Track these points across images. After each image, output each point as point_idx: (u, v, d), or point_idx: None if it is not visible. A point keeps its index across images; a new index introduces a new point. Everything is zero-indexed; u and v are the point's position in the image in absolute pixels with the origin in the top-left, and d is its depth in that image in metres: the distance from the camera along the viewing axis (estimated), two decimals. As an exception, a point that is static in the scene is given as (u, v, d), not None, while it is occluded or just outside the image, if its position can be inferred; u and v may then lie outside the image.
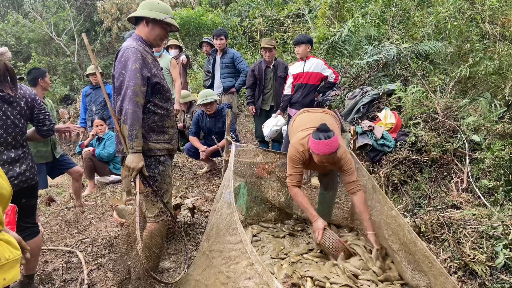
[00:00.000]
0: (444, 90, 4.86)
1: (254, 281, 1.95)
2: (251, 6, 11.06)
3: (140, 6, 2.58)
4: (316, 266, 2.72)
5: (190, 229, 3.81)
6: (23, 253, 1.48)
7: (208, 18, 10.98)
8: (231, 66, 6.04)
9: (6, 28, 13.01)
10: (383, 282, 2.52)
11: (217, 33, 5.93)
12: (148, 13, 2.52)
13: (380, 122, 4.50)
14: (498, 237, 2.76)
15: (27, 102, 2.56)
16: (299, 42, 4.86)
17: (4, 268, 1.17)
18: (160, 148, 2.58)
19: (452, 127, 4.05)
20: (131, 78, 2.37)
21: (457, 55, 5.65)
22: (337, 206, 3.45)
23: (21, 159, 2.54)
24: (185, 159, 6.45)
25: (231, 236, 2.37)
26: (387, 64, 5.80)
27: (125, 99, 2.37)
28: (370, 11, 6.74)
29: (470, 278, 2.62)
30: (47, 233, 4.00)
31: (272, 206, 3.57)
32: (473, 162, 3.75)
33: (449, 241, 2.86)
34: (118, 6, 11.99)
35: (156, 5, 2.55)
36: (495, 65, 4.89)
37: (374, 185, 2.93)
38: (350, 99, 5.14)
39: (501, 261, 2.59)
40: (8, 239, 1.25)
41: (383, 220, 2.82)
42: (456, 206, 3.43)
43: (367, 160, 4.38)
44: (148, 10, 2.53)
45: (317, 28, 7.88)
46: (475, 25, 5.55)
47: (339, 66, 6.24)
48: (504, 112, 4.21)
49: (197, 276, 2.55)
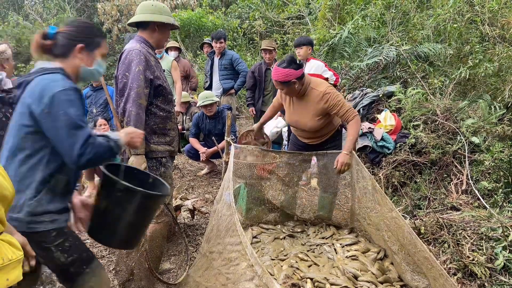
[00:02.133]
0: (443, 92, 4.88)
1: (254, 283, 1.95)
2: (251, 8, 11.07)
3: (139, 10, 2.56)
4: (316, 267, 2.73)
5: (191, 231, 3.82)
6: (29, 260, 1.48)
7: (208, 20, 11.00)
8: (229, 68, 6.05)
9: (6, 30, 13.03)
10: (382, 283, 2.53)
11: (217, 36, 5.93)
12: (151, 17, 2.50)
13: (379, 124, 4.51)
14: (497, 238, 2.77)
15: None
16: (300, 44, 4.86)
17: (7, 269, 1.18)
18: (161, 150, 2.59)
19: (451, 129, 4.06)
20: (135, 80, 2.37)
21: (456, 57, 5.67)
22: (337, 207, 3.46)
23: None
24: (185, 160, 6.45)
25: (231, 238, 2.37)
26: (387, 66, 5.82)
27: (129, 101, 2.38)
28: (370, 13, 6.76)
29: (470, 279, 2.63)
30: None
31: (272, 207, 3.57)
32: (473, 164, 3.76)
33: (448, 243, 2.87)
34: (118, 8, 12.01)
35: (153, 8, 2.53)
36: (495, 67, 4.91)
37: (374, 185, 2.94)
38: (350, 100, 5.15)
39: (501, 262, 2.59)
40: (10, 240, 1.25)
41: (383, 222, 2.82)
42: (455, 207, 3.44)
43: (367, 162, 4.39)
44: (149, 14, 2.51)
45: (317, 30, 7.90)
46: (475, 27, 5.58)
47: (339, 68, 6.25)
48: (504, 114, 4.22)
49: (197, 277, 2.55)
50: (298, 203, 3.70)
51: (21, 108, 1.61)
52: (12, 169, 1.58)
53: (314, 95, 3.10)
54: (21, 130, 1.59)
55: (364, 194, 3.08)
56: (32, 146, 1.59)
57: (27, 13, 14.19)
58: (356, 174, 3.18)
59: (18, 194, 1.52)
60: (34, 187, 1.58)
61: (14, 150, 1.60)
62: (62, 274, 1.72)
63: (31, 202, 1.57)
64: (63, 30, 1.71)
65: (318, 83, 3.16)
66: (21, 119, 1.60)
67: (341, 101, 3.05)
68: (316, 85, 3.13)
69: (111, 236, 1.75)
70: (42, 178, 1.60)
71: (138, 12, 2.55)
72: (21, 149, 1.59)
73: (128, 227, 1.75)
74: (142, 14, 2.52)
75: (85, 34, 1.75)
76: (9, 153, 1.61)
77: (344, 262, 2.77)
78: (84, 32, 1.75)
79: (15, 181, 1.51)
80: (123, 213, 1.70)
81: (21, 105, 1.61)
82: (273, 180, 3.50)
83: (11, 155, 1.60)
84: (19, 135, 1.60)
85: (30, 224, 1.57)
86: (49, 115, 1.53)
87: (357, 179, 3.18)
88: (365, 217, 3.13)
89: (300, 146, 3.51)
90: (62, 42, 1.69)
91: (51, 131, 1.55)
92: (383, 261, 2.84)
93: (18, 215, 1.55)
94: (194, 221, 4.01)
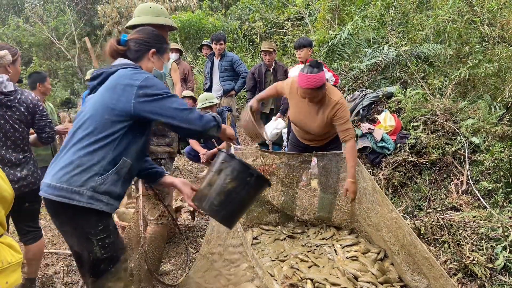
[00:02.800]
0: (443, 92, 4.88)
1: (255, 284, 1.96)
2: (251, 9, 11.09)
3: (136, 13, 2.57)
4: (316, 268, 2.73)
5: (191, 232, 3.82)
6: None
7: (208, 22, 11.02)
8: (230, 69, 6.06)
9: (7, 32, 13.08)
10: (382, 284, 2.53)
11: (217, 37, 5.93)
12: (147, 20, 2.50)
13: (379, 125, 4.51)
14: (497, 238, 2.77)
15: (28, 108, 2.56)
16: (301, 45, 4.86)
17: (7, 272, 1.18)
18: (161, 151, 2.59)
19: (451, 129, 4.06)
20: None
21: (456, 58, 5.67)
22: (337, 208, 3.46)
23: (22, 163, 2.54)
24: (186, 162, 6.46)
25: (232, 239, 2.38)
26: (387, 67, 5.82)
27: None
28: (370, 14, 6.76)
29: (470, 279, 2.63)
30: (48, 236, 4.01)
31: (272, 208, 3.58)
32: (473, 164, 3.76)
33: (448, 243, 2.87)
34: (118, 10, 12.05)
35: (151, 10, 2.53)
36: (495, 67, 4.91)
37: (374, 186, 2.94)
38: (349, 101, 5.15)
39: (501, 262, 2.59)
40: (10, 243, 1.26)
41: (383, 222, 2.82)
42: (455, 208, 3.44)
43: (367, 163, 4.39)
44: (148, 17, 2.51)
45: (316, 31, 7.91)
46: (474, 27, 5.58)
47: (338, 69, 6.25)
48: (504, 114, 4.22)
49: (197, 278, 2.56)
50: (298, 204, 3.71)
51: (105, 93, 1.72)
52: (83, 146, 1.66)
53: (327, 101, 3.08)
54: (103, 112, 1.69)
55: (364, 194, 3.09)
56: (110, 127, 1.68)
57: (28, 15, 14.23)
58: (356, 175, 3.18)
59: (85, 171, 1.63)
60: (103, 165, 1.67)
61: (90, 129, 1.68)
62: (91, 267, 1.77)
63: (98, 179, 1.66)
64: (135, 37, 1.90)
65: (333, 91, 3.13)
66: (103, 103, 1.70)
67: (347, 117, 3.05)
68: (331, 93, 3.09)
69: (224, 210, 1.93)
70: (112, 159, 1.69)
71: (136, 14, 2.56)
72: (98, 129, 1.67)
73: (242, 207, 2.01)
74: (140, 17, 2.53)
75: (155, 40, 1.94)
76: (84, 132, 1.69)
77: (344, 263, 2.77)
78: (155, 39, 1.94)
79: (85, 157, 1.64)
80: (245, 195, 1.95)
81: (105, 90, 1.73)
82: (273, 181, 3.50)
83: (86, 134, 1.68)
84: (98, 116, 1.69)
85: (90, 200, 1.64)
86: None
87: (357, 180, 3.19)
88: (365, 217, 3.14)
89: (301, 147, 3.51)
90: (135, 48, 1.88)
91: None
92: (383, 262, 2.84)
93: (80, 189, 1.62)
94: (195, 222, 4.02)
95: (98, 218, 1.69)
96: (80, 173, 1.62)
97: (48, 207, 1.71)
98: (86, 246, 1.70)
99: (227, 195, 1.90)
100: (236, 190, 1.90)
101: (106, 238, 1.72)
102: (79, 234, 1.68)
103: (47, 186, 1.66)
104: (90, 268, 1.77)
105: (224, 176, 1.90)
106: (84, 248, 1.72)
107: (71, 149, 1.68)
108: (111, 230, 1.76)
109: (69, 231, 1.74)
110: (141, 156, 1.88)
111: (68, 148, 1.69)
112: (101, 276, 1.75)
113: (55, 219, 1.76)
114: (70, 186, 1.61)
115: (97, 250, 1.70)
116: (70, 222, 1.70)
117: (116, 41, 1.87)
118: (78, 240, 1.69)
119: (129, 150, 1.74)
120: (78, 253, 1.78)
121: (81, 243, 1.71)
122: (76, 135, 1.70)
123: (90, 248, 1.70)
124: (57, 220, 1.76)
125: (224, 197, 1.90)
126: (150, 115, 1.69)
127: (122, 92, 1.67)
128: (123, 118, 1.68)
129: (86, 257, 1.75)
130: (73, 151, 1.66)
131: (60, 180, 1.62)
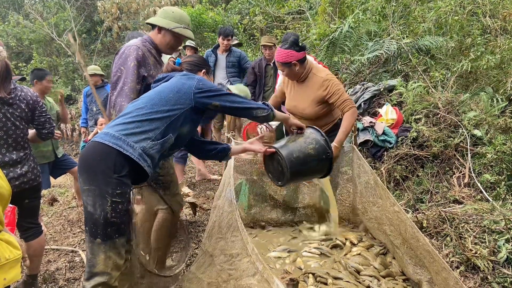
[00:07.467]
0: (445, 85, 4.85)
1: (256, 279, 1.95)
2: (251, 3, 11.02)
3: (158, 13, 2.69)
4: (318, 262, 2.72)
5: (192, 227, 3.82)
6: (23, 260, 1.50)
7: (209, 16, 10.95)
8: (237, 65, 6.03)
9: (7, 29, 13.05)
10: (385, 277, 2.52)
11: (225, 32, 5.76)
12: (160, 21, 2.60)
13: (381, 118, 4.49)
14: (500, 231, 2.76)
15: (28, 104, 2.56)
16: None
17: (5, 268, 1.18)
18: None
19: (453, 122, 4.04)
20: (129, 75, 2.43)
21: (458, 50, 5.63)
22: (338, 202, 3.44)
23: (22, 161, 2.55)
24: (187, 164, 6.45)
25: (233, 234, 2.37)
26: (388, 60, 5.78)
27: (121, 94, 2.42)
28: (371, 6, 6.71)
29: (472, 272, 2.62)
30: (50, 232, 4.02)
31: (274, 203, 3.57)
32: (475, 156, 3.74)
33: (451, 236, 2.86)
34: (118, 5, 11.99)
35: (171, 14, 2.61)
36: (497, 59, 4.87)
37: (376, 180, 2.92)
38: (351, 95, 5.13)
39: (503, 255, 2.58)
40: (8, 239, 1.25)
41: (385, 216, 2.81)
42: (458, 201, 3.42)
43: (369, 156, 4.38)
44: (161, 18, 2.61)
45: (317, 24, 7.86)
46: (476, 19, 5.54)
47: (339, 62, 6.22)
48: (506, 106, 4.19)
49: (199, 274, 2.55)
50: (300, 198, 3.69)
51: (172, 81, 2.12)
52: (145, 113, 1.97)
53: (314, 80, 3.09)
54: (169, 91, 2.05)
55: (366, 188, 3.07)
56: (172, 104, 2.01)
57: (27, 12, 14.18)
58: (358, 169, 3.17)
59: (142, 133, 1.93)
60: (156, 133, 1.96)
61: (155, 101, 2.01)
62: (96, 227, 1.85)
63: (149, 142, 1.94)
64: (188, 60, 2.43)
65: (319, 69, 3.16)
66: (170, 86, 2.08)
67: (340, 90, 3.02)
68: (318, 71, 3.12)
69: (295, 166, 2.31)
70: (164, 131, 1.99)
71: (159, 15, 2.68)
72: (162, 103, 2.00)
73: (306, 173, 2.48)
74: (161, 18, 2.63)
75: (204, 63, 2.48)
76: (148, 102, 2.01)
77: (346, 257, 2.76)
78: (203, 62, 2.49)
79: (145, 122, 1.94)
80: (315, 167, 2.41)
81: (172, 81, 2.13)
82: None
83: (151, 104, 2.00)
84: (165, 93, 2.04)
85: (139, 156, 1.90)
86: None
87: (358, 174, 3.17)
88: (367, 211, 3.13)
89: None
90: (189, 68, 2.36)
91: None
92: (385, 256, 2.83)
93: (134, 144, 1.89)
94: (196, 217, 4.02)
95: (119, 182, 1.86)
96: (137, 134, 1.91)
97: (90, 155, 1.89)
98: (101, 204, 1.82)
99: (305, 156, 2.31)
100: (313, 157, 2.31)
101: (120, 204, 1.86)
102: (99, 192, 1.82)
103: (104, 134, 1.90)
104: (95, 228, 1.85)
105: (310, 141, 2.34)
106: (98, 206, 1.82)
107: (134, 113, 1.97)
108: (126, 201, 1.92)
109: (91, 189, 1.84)
110: (181, 141, 2.18)
111: (131, 112, 1.98)
112: (105, 240, 1.85)
113: (85, 175, 1.87)
114: (127, 139, 1.88)
115: (109, 210, 1.82)
116: (99, 176, 1.83)
117: (173, 62, 2.30)
118: (95, 198, 1.82)
119: (177, 130, 2.05)
120: (90, 213, 1.86)
121: (97, 201, 1.82)
122: (138, 104, 2.02)
123: (103, 206, 1.82)
124: (88, 173, 1.87)
125: (302, 156, 2.30)
126: (206, 100, 2.07)
127: (186, 80, 2.08)
128: (183, 101, 2.03)
129: (97, 217, 1.83)
130: (135, 114, 1.96)
131: (119, 132, 1.89)
